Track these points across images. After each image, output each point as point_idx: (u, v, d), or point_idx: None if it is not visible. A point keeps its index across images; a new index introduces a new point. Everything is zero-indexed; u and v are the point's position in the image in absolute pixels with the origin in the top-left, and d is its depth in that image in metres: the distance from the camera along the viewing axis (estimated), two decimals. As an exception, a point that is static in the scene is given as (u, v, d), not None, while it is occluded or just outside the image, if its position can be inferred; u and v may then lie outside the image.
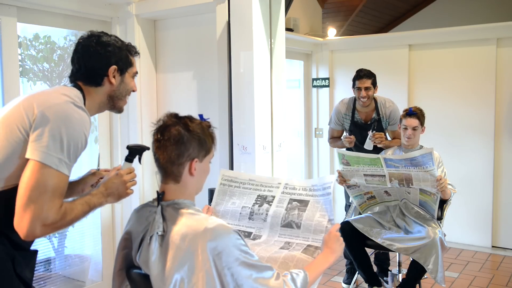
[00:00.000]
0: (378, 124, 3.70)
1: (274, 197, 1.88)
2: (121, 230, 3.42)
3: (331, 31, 5.79)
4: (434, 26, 5.47)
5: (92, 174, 1.84)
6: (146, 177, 3.47)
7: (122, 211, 3.51)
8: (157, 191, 1.53)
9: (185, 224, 1.43)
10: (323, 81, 5.65)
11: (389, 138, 3.79)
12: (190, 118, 1.52)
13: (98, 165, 2.20)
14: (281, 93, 3.07)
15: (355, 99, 3.76)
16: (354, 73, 3.76)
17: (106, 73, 1.63)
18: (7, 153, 1.44)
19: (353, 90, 3.69)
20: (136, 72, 1.75)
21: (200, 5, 3.14)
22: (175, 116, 1.51)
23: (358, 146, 3.72)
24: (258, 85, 2.86)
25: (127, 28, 3.41)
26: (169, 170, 1.49)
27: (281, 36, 3.06)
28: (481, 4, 6.57)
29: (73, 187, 1.78)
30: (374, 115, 3.73)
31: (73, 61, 1.67)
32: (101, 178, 1.82)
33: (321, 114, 5.71)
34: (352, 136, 3.69)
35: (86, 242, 3.50)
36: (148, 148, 1.69)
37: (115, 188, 1.63)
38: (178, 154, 1.46)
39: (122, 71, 1.67)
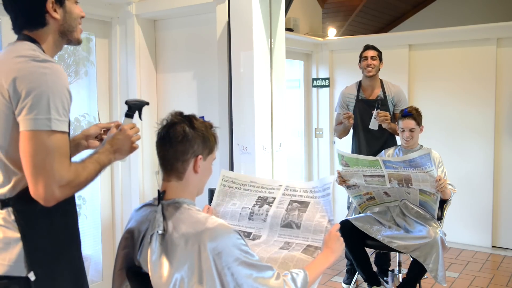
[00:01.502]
0: (384, 104, 3.68)
1: (274, 198, 1.88)
2: (121, 230, 3.42)
3: (331, 31, 5.79)
4: (434, 26, 5.47)
5: (94, 125, 1.80)
6: (146, 177, 3.47)
7: (122, 211, 3.51)
8: (158, 190, 1.54)
9: (186, 223, 1.43)
10: (323, 81, 5.66)
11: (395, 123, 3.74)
12: (194, 116, 1.55)
13: (99, 120, 2.13)
14: (281, 93, 3.07)
15: (360, 82, 3.80)
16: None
17: (45, 10, 1.48)
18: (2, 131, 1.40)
19: (359, 65, 3.74)
20: None
21: (200, 5, 3.15)
22: (180, 114, 1.54)
23: (363, 130, 3.70)
24: (258, 85, 2.86)
25: (127, 28, 3.41)
26: (173, 166, 1.51)
27: (281, 36, 3.06)
28: (481, 4, 6.57)
29: (78, 143, 1.75)
30: (379, 93, 3.73)
31: (7, 10, 1.54)
32: (105, 130, 1.79)
33: (321, 114, 5.71)
34: (350, 112, 3.67)
35: (86, 242, 3.50)
36: (147, 103, 1.70)
37: (121, 144, 1.59)
38: (183, 150, 1.49)
39: (61, 1, 1.51)
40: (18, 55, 1.40)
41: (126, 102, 1.71)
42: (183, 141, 1.48)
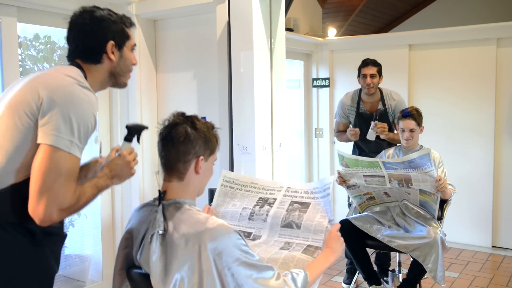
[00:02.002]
0: (383, 116, 3.66)
1: (275, 199, 1.88)
2: (121, 230, 3.42)
3: (331, 31, 5.79)
4: (434, 26, 5.47)
5: (94, 161, 1.82)
6: (146, 177, 3.47)
7: (122, 211, 3.51)
8: (159, 190, 1.54)
9: (186, 223, 1.43)
10: (323, 81, 5.65)
11: (394, 132, 3.70)
12: (196, 117, 1.55)
13: (100, 152, 2.14)
14: (281, 93, 3.07)
15: (360, 91, 3.75)
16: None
17: (104, 50, 1.58)
18: (18, 141, 1.41)
19: (358, 80, 3.68)
20: (135, 44, 1.70)
21: (200, 5, 3.15)
22: (182, 114, 1.55)
23: (363, 140, 3.68)
24: (258, 85, 2.86)
25: (127, 28, 3.41)
26: (175, 167, 1.51)
27: (281, 36, 3.06)
28: (481, 4, 6.57)
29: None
30: (379, 106, 3.70)
31: (68, 40, 1.62)
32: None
33: (321, 114, 5.71)
34: (357, 129, 3.65)
35: (86, 242, 3.50)
36: (147, 127, 1.70)
37: (120, 169, 1.62)
38: (185, 151, 1.49)
39: (120, 46, 1.62)
40: (67, 75, 1.46)
41: (127, 126, 1.72)
42: (185, 142, 1.48)
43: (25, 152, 1.41)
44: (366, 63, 3.65)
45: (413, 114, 3.20)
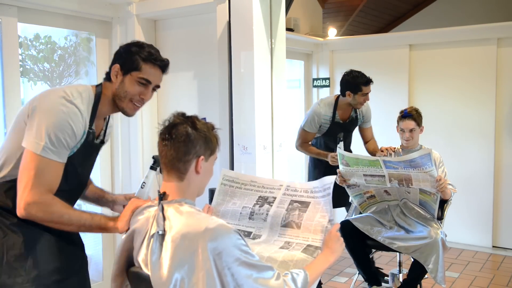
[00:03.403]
0: (354, 122, 3.72)
1: (275, 198, 1.88)
2: (122, 230, 3.42)
3: (332, 31, 5.79)
4: (434, 26, 5.47)
5: (123, 196, 2.00)
6: (146, 177, 3.47)
7: (123, 211, 3.51)
8: (159, 191, 1.54)
9: (186, 223, 1.43)
10: (324, 81, 5.65)
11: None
12: (196, 117, 1.56)
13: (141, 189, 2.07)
14: (282, 93, 3.07)
15: (337, 99, 3.65)
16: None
17: (111, 69, 1.77)
18: (15, 142, 1.65)
19: (351, 95, 3.52)
20: (145, 80, 1.76)
21: (201, 5, 3.15)
22: (182, 115, 1.55)
23: (331, 149, 3.62)
24: (258, 85, 2.86)
25: (127, 28, 3.41)
26: (175, 167, 1.51)
27: (281, 36, 3.06)
28: (481, 4, 6.57)
29: (101, 196, 2.04)
30: (352, 113, 3.70)
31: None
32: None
33: (322, 114, 5.71)
34: (335, 154, 3.39)
35: (86, 242, 3.47)
36: None
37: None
38: (185, 151, 1.49)
39: (125, 71, 1.75)
40: (64, 90, 1.66)
41: (153, 157, 1.88)
42: (185, 142, 1.49)
43: (19, 153, 1.63)
44: (368, 81, 3.52)
45: (413, 115, 3.20)
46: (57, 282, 1.68)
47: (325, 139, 3.71)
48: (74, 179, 1.76)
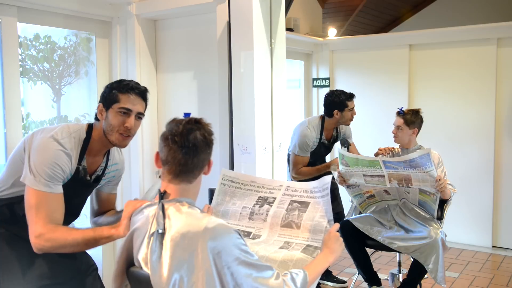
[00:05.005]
0: (335, 140, 3.82)
1: (275, 198, 1.88)
2: (122, 230, 3.41)
3: (332, 31, 5.79)
4: (434, 26, 5.47)
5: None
6: (146, 177, 3.47)
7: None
8: (159, 190, 1.54)
9: (186, 223, 1.43)
10: (324, 81, 5.65)
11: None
12: (202, 120, 1.57)
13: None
14: (282, 93, 3.07)
15: (323, 120, 3.68)
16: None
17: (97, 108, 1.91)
18: (9, 172, 1.86)
19: (339, 113, 3.56)
20: (125, 108, 1.85)
21: (201, 5, 3.15)
22: (194, 121, 1.54)
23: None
24: (258, 85, 2.86)
25: (127, 28, 3.41)
26: (189, 171, 1.52)
27: (281, 36, 3.06)
28: (481, 4, 6.57)
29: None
30: (333, 132, 3.77)
31: None
32: None
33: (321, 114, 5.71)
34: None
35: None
36: None
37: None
38: (205, 158, 1.53)
39: (107, 107, 1.87)
40: (56, 132, 1.81)
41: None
42: (205, 149, 1.52)
43: (13, 178, 1.84)
44: (352, 96, 3.60)
45: (405, 114, 3.20)
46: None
47: (312, 159, 3.69)
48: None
